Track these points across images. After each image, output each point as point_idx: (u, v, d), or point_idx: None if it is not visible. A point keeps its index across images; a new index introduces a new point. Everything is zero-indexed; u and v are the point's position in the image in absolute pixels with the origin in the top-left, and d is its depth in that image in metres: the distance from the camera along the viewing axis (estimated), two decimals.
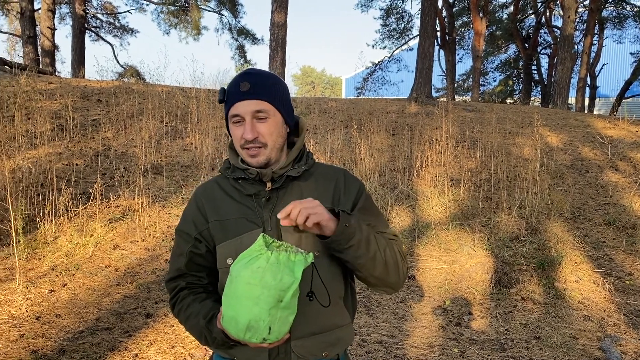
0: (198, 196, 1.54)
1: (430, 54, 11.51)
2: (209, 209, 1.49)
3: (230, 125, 1.46)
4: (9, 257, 4.42)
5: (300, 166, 1.48)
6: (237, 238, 1.43)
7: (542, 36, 24.64)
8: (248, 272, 1.20)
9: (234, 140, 1.47)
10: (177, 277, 1.53)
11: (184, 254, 1.50)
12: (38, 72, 11.39)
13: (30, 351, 3.30)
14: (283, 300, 1.21)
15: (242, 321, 1.21)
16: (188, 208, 1.55)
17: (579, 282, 4.78)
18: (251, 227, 1.43)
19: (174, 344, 3.53)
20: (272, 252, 1.23)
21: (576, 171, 7.30)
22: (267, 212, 1.45)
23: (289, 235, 1.41)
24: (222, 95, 1.45)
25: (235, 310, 1.22)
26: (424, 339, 3.84)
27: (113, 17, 23.03)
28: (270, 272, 1.19)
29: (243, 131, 1.41)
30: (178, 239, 1.54)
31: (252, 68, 1.51)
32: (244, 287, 1.20)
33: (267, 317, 1.20)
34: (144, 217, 5.33)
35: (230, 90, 1.43)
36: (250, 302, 1.19)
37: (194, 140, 7.47)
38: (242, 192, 1.48)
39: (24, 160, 5.84)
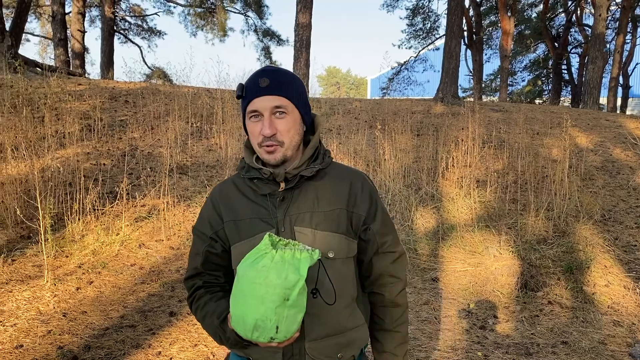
0: (214, 196, 1.54)
1: (456, 53, 11.38)
2: (224, 209, 1.49)
3: (247, 122, 1.44)
4: (37, 254, 4.52)
5: (314, 165, 1.46)
6: (251, 238, 1.43)
7: (573, 35, 24.17)
8: (253, 271, 1.21)
9: (251, 137, 1.45)
10: (194, 275, 1.54)
11: (200, 253, 1.51)
12: (68, 73, 11.64)
13: (57, 347, 3.36)
14: (289, 299, 1.20)
15: (249, 321, 1.21)
16: (205, 207, 1.55)
17: (608, 286, 4.66)
18: (265, 228, 1.43)
19: (197, 342, 3.55)
20: (277, 251, 1.23)
21: (607, 173, 7.12)
22: (280, 212, 1.43)
23: (302, 236, 1.41)
24: (241, 91, 1.43)
25: (242, 309, 1.22)
26: (448, 342, 3.79)
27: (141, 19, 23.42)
28: (274, 271, 1.20)
29: (261, 127, 1.39)
30: (195, 238, 1.54)
31: (271, 65, 1.50)
32: (250, 286, 1.20)
33: (273, 316, 1.19)
34: (169, 217, 5.38)
35: (249, 86, 1.41)
36: (256, 301, 1.19)
37: (218, 140, 7.53)
38: (257, 191, 1.47)
39: (53, 160, 5.97)
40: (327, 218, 1.43)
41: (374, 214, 1.48)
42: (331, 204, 1.44)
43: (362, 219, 1.46)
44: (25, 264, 4.41)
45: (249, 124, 1.44)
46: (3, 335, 3.44)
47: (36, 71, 10.88)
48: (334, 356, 1.43)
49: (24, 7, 12.18)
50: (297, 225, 1.42)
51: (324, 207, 1.44)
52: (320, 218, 1.42)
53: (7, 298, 3.89)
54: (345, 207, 1.45)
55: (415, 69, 23.89)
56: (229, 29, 22.03)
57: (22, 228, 4.92)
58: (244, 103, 1.44)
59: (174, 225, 5.33)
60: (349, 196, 1.47)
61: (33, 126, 6.68)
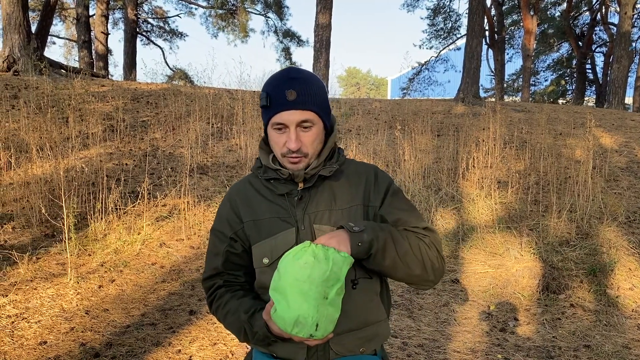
0: (231, 196, 1.54)
1: (478, 53, 11.29)
2: (243, 209, 1.49)
3: (270, 130, 1.44)
4: (61, 253, 4.60)
5: (332, 165, 1.47)
6: (271, 238, 1.44)
7: (597, 34, 23.76)
8: (296, 267, 1.23)
9: (275, 146, 1.44)
10: (214, 275, 1.55)
11: (220, 253, 1.52)
12: (91, 75, 11.83)
13: (79, 344, 3.42)
14: (328, 297, 1.23)
15: (291, 316, 1.23)
16: (222, 208, 1.55)
17: (633, 289, 4.57)
18: (285, 227, 1.43)
19: (216, 341, 3.58)
20: (318, 248, 1.25)
21: (632, 174, 6.99)
22: (299, 211, 1.45)
23: (322, 234, 1.40)
24: (266, 101, 1.40)
25: (284, 305, 1.24)
26: (467, 344, 3.76)
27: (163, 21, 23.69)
28: (317, 268, 1.22)
29: (286, 140, 1.39)
30: (214, 239, 1.55)
31: (294, 68, 1.46)
32: (293, 282, 1.23)
33: (315, 313, 1.22)
34: (190, 216, 5.44)
35: (275, 97, 1.38)
36: (300, 297, 1.22)
37: (238, 141, 7.58)
38: (274, 191, 1.48)
39: (77, 160, 6.07)
40: (345, 215, 1.44)
41: (383, 200, 1.48)
42: (348, 201, 1.46)
43: (376, 210, 1.47)
44: (49, 262, 4.50)
45: (272, 133, 1.43)
46: (27, 331, 3.51)
47: (61, 73, 11.08)
48: (356, 350, 1.44)
49: (49, 10, 12.42)
50: (316, 223, 1.43)
51: (342, 205, 1.45)
52: (338, 216, 1.44)
53: (32, 295, 3.97)
54: (362, 202, 1.47)
55: (436, 69, 23.75)
56: (250, 30, 22.18)
57: (46, 227, 5.02)
58: (268, 112, 1.41)
59: (194, 224, 5.37)
60: (364, 192, 1.48)
61: (58, 127, 6.80)
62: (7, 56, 10.13)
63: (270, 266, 1.42)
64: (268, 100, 1.39)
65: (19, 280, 4.13)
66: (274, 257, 1.41)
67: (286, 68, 1.46)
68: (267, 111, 1.41)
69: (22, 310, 3.76)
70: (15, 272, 4.24)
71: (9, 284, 4.07)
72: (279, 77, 1.42)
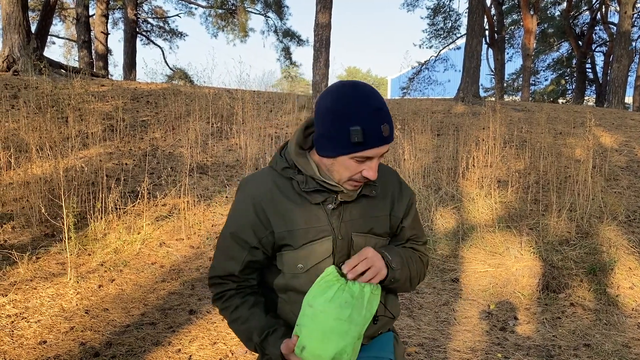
0: (255, 200, 1.43)
1: (477, 52, 11.29)
2: (273, 218, 1.42)
3: (347, 159, 1.34)
4: (61, 252, 4.60)
5: (373, 184, 1.48)
6: (307, 246, 1.41)
7: (597, 33, 23.75)
8: (335, 307, 1.23)
9: (344, 172, 1.36)
10: (227, 277, 1.50)
11: (239, 260, 1.46)
12: (91, 75, 11.83)
13: (79, 343, 3.42)
14: (360, 335, 1.29)
15: (328, 354, 1.24)
16: (244, 212, 1.45)
17: (633, 288, 4.57)
18: (322, 235, 1.42)
19: (216, 340, 3.58)
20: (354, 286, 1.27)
21: (632, 173, 6.99)
22: (335, 219, 1.44)
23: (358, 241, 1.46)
24: (362, 138, 1.28)
25: (323, 344, 1.24)
26: (467, 343, 3.76)
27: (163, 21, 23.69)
28: (357, 309, 1.25)
29: (365, 169, 1.34)
30: (233, 244, 1.47)
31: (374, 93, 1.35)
32: (333, 322, 1.23)
33: (351, 350, 1.26)
34: (190, 216, 5.44)
35: (371, 134, 1.29)
36: (339, 337, 1.24)
37: (238, 140, 7.58)
38: (306, 199, 1.42)
39: (77, 159, 6.07)
40: (376, 223, 1.49)
41: (407, 213, 1.56)
42: (379, 210, 1.50)
43: (399, 220, 1.54)
44: (49, 261, 4.50)
45: (349, 162, 1.34)
46: (27, 331, 3.51)
47: (61, 73, 11.09)
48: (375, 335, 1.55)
49: (48, 10, 12.42)
50: (354, 232, 1.45)
51: (375, 213, 1.49)
52: (372, 223, 1.48)
53: (32, 295, 3.97)
54: (389, 212, 1.52)
55: (436, 69, 23.74)
56: (250, 29, 22.17)
57: (46, 226, 5.01)
58: (358, 148, 1.31)
59: (194, 224, 5.37)
60: (391, 202, 1.53)
61: (57, 126, 6.80)
62: (7, 56, 10.13)
63: (306, 272, 1.42)
64: (363, 137, 1.29)
65: (19, 280, 4.13)
66: (309, 265, 1.41)
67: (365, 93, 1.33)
68: (358, 146, 1.30)
69: (22, 310, 3.76)
70: (15, 272, 4.24)
71: (8, 283, 4.07)
72: (371, 109, 1.31)
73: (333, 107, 1.31)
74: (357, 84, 1.34)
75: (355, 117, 1.29)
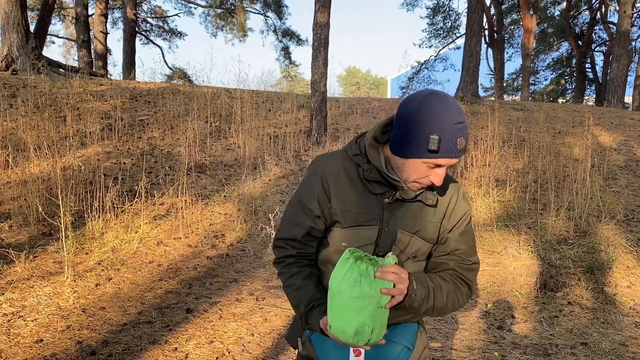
0: (325, 174, 1.56)
1: (477, 51, 11.27)
2: (334, 193, 1.54)
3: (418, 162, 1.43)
4: (58, 251, 4.60)
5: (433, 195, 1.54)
6: (355, 228, 1.53)
7: (597, 33, 23.71)
8: (347, 287, 1.36)
9: (413, 174, 1.46)
10: (290, 240, 1.62)
11: (303, 226, 1.58)
12: (90, 74, 11.82)
13: (75, 342, 3.41)
14: (380, 305, 1.38)
15: (351, 329, 1.38)
16: (313, 181, 1.58)
17: (630, 287, 4.57)
18: (370, 222, 1.52)
19: (213, 339, 3.58)
20: (363, 264, 1.38)
21: (630, 172, 6.98)
22: (387, 213, 1.53)
23: (402, 238, 1.53)
24: (437, 147, 1.38)
25: (344, 321, 1.39)
26: (464, 342, 3.75)
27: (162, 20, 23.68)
28: (366, 284, 1.36)
29: (433, 175, 1.44)
30: (298, 210, 1.59)
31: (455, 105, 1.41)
32: (348, 301, 1.36)
33: (370, 322, 1.37)
34: (187, 215, 5.43)
35: (447, 144, 1.38)
36: (356, 312, 1.36)
37: (237, 140, 7.57)
38: (367, 188, 1.53)
39: (75, 158, 6.06)
40: (425, 227, 1.54)
41: (457, 224, 1.58)
42: (431, 216, 1.55)
43: (447, 231, 1.58)
44: (46, 260, 4.50)
45: (419, 165, 1.43)
46: (24, 329, 3.51)
47: (59, 72, 11.08)
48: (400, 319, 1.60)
49: (47, 9, 12.41)
50: (400, 228, 1.52)
51: (426, 217, 1.54)
52: (420, 226, 1.54)
53: (29, 293, 3.96)
54: (441, 221, 1.56)
55: (436, 68, 23.71)
56: (249, 29, 22.14)
57: (43, 225, 5.01)
58: (432, 155, 1.40)
59: (192, 223, 5.37)
60: (446, 212, 1.57)
61: (55, 126, 6.79)
62: (6, 55, 10.12)
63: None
64: (439, 146, 1.37)
65: (16, 279, 4.12)
66: (352, 246, 1.50)
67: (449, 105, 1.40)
68: (432, 153, 1.39)
69: (19, 309, 3.75)
70: (12, 271, 4.24)
71: (5, 282, 4.07)
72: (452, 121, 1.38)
73: (418, 113, 1.40)
74: (445, 97, 1.42)
75: (436, 126, 1.37)
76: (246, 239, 5.30)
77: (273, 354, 3.44)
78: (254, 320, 3.87)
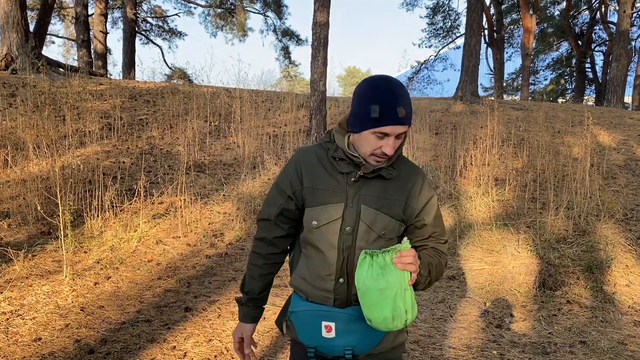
0: (299, 160, 1.75)
1: (476, 51, 11.27)
2: (306, 175, 1.71)
3: (368, 133, 1.59)
4: (57, 250, 4.60)
5: (392, 170, 1.68)
6: (323, 206, 1.67)
7: (597, 33, 23.71)
8: (373, 282, 1.51)
9: (367, 146, 1.61)
10: (266, 220, 1.79)
11: (276, 205, 1.76)
12: (89, 74, 11.82)
13: (74, 340, 3.41)
14: (405, 287, 1.52)
15: (389, 317, 1.52)
16: (288, 167, 1.76)
17: (630, 286, 4.57)
18: (336, 200, 1.66)
19: (211, 337, 3.58)
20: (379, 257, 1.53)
21: (630, 171, 6.98)
22: (352, 190, 1.66)
23: (366, 213, 1.64)
24: (378, 114, 1.55)
25: (381, 312, 1.53)
26: (463, 340, 3.75)
27: (162, 20, 23.68)
28: (389, 274, 1.50)
29: (383, 145, 1.59)
30: (275, 191, 1.78)
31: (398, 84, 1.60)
32: (378, 295, 1.51)
33: (402, 304, 1.52)
34: (186, 214, 5.43)
35: (387, 112, 1.55)
36: (389, 301, 1.51)
37: (236, 139, 7.57)
38: (335, 168, 1.68)
39: (74, 158, 6.06)
40: (389, 205, 1.67)
41: (427, 209, 1.72)
42: (395, 195, 1.68)
43: (416, 213, 1.70)
44: (45, 259, 4.50)
45: (369, 136, 1.60)
46: (22, 328, 3.50)
47: (59, 71, 11.08)
48: None
49: (47, 9, 12.41)
50: (364, 203, 1.65)
51: (389, 196, 1.68)
52: (383, 203, 1.66)
53: (27, 292, 3.96)
54: (405, 199, 1.69)
55: (435, 68, 23.73)
56: (249, 28, 22.12)
57: (42, 224, 5.01)
58: (376, 123, 1.57)
59: (191, 222, 5.37)
60: (410, 192, 1.70)
61: (54, 125, 6.79)
62: (5, 54, 10.12)
63: (317, 228, 1.67)
64: (380, 114, 1.55)
65: (14, 277, 4.12)
66: (321, 223, 1.66)
67: (388, 81, 1.61)
68: (376, 122, 1.56)
69: (17, 307, 3.75)
70: (10, 269, 4.24)
71: (4, 280, 4.07)
72: (387, 91, 1.58)
73: (361, 90, 1.62)
74: (387, 77, 1.62)
75: (376, 97, 1.57)
76: (245, 238, 5.30)
77: (271, 353, 3.44)
78: None
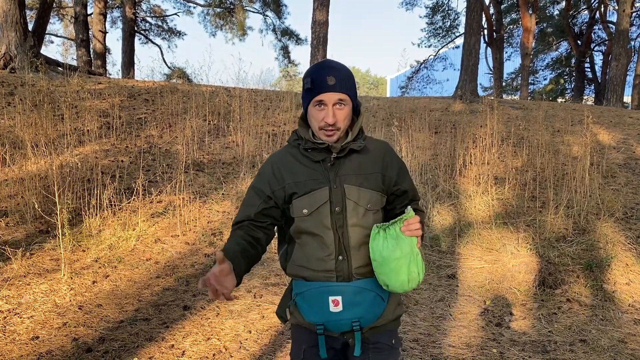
0: (274, 162, 1.86)
1: (476, 50, 11.26)
2: (285, 173, 1.82)
3: (310, 107, 1.77)
4: (55, 248, 4.58)
5: (361, 141, 1.83)
6: (310, 193, 1.78)
7: (596, 32, 23.68)
8: (389, 252, 1.68)
9: (314, 122, 1.78)
10: (244, 220, 1.85)
11: (255, 205, 1.84)
12: (88, 73, 11.80)
13: (72, 339, 3.40)
14: (416, 251, 1.72)
15: (405, 281, 1.72)
16: (264, 169, 1.87)
17: (629, 284, 4.55)
18: (320, 185, 1.78)
19: (210, 336, 3.56)
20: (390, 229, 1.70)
21: (629, 170, 6.97)
22: (332, 173, 1.80)
23: (350, 191, 1.78)
24: (310, 85, 1.73)
25: (398, 278, 1.71)
26: (462, 339, 3.74)
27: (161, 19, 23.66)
28: (401, 243, 1.68)
29: (324, 115, 1.74)
30: (252, 193, 1.86)
31: (331, 60, 1.83)
32: (394, 263, 1.69)
33: (415, 268, 1.72)
34: (185, 213, 5.41)
35: (318, 81, 1.73)
36: (404, 266, 1.70)
37: (235, 138, 7.55)
38: (310, 159, 1.81)
39: (72, 156, 6.04)
40: (367, 179, 1.81)
41: (402, 176, 1.90)
42: (370, 169, 1.83)
43: (393, 180, 1.86)
44: (43, 257, 4.48)
45: (312, 110, 1.77)
46: (20, 326, 3.49)
47: (57, 70, 11.06)
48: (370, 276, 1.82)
49: (45, 8, 12.38)
50: (346, 183, 1.79)
51: (366, 171, 1.82)
52: (362, 179, 1.81)
53: (25, 291, 3.95)
54: (380, 172, 1.84)
55: (435, 68, 23.70)
56: (248, 28, 22.11)
57: (40, 223, 4.99)
58: (311, 94, 1.74)
59: (189, 221, 5.35)
60: (383, 163, 1.86)
61: (53, 124, 6.78)
62: (4, 53, 10.10)
63: (309, 215, 1.77)
64: (312, 84, 1.73)
65: (12, 276, 4.11)
66: (312, 209, 1.77)
67: (325, 60, 1.82)
68: (311, 93, 1.74)
69: (15, 306, 3.74)
70: (8, 268, 4.22)
71: (2, 279, 4.05)
72: (320, 66, 1.77)
73: (304, 76, 1.80)
74: (324, 59, 1.84)
75: (308, 72, 1.78)
76: None
77: (270, 351, 3.43)
78: (251, 317, 3.86)
